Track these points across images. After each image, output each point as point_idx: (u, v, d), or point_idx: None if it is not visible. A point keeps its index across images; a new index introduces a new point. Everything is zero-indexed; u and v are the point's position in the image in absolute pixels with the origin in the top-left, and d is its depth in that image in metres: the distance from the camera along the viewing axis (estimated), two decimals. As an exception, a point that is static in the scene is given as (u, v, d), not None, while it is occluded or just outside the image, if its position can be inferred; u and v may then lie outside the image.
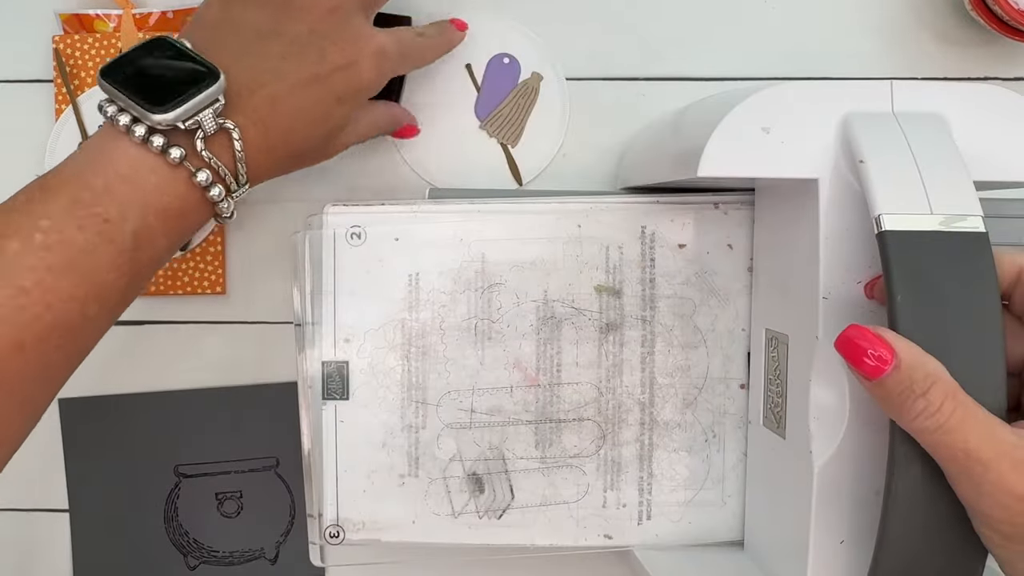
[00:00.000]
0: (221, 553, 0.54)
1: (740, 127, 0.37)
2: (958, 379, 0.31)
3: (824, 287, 0.37)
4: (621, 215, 0.45)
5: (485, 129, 0.53)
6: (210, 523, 0.54)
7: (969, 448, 0.31)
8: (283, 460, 0.54)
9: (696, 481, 0.46)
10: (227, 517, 0.54)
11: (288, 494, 0.54)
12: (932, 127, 0.36)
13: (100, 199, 0.37)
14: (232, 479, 0.54)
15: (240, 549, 0.54)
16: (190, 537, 0.54)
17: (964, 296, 0.32)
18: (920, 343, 0.32)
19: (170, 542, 0.54)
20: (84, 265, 0.36)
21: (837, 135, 0.37)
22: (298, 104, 0.41)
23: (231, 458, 0.54)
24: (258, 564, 0.54)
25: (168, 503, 0.54)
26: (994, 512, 0.31)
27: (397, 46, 0.45)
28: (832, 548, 0.37)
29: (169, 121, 0.37)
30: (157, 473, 0.54)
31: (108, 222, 0.37)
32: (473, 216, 0.45)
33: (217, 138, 0.39)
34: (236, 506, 0.54)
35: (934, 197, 0.34)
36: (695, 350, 0.46)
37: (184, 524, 0.54)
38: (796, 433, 0.39)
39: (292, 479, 0.54)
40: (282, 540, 0.54)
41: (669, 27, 0.53)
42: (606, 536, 0.46)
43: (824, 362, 0.37)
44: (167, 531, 0.54)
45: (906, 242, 0.33)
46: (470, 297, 0.46)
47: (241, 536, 0.54)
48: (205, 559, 0.54)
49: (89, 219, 0.36)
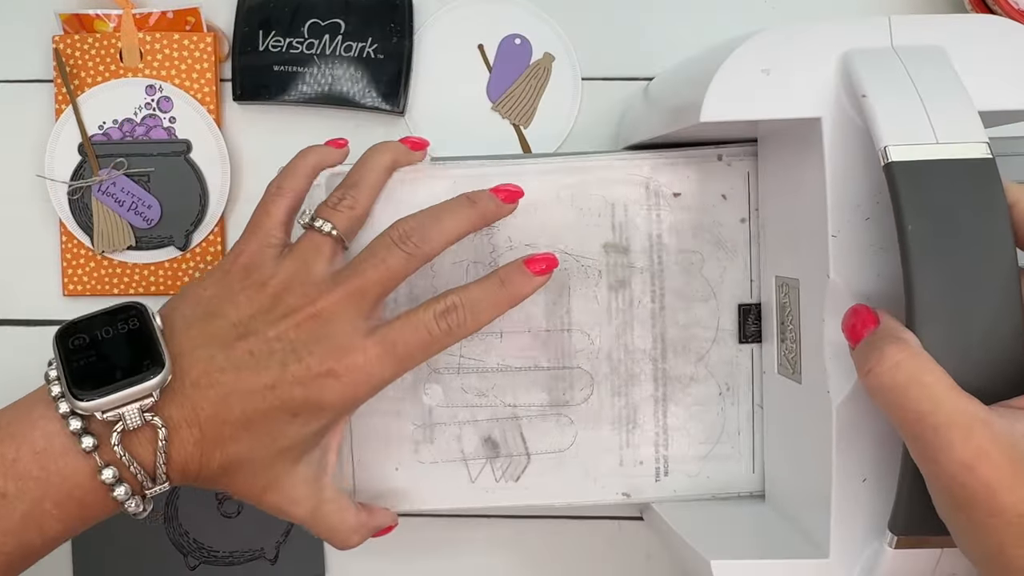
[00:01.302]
0: (221, 553, 0.54)
1: (740, 70, 0.37)
2: (973, 307, 0.31)
3: (833, 226, 0.37)
4: (625, 172, 0.45)
5: (497, 110, 0.53)
6: (210, 523, 0.54)
7: (923, 411, 0.30)
8: None
9: (712, 435, 0.46)
10: (227, 517, 0.54)
11: None
12: (933, 59, 0.36)
13: (5, 470, 0.35)
14: None
15: (240, 549, 0.54)
16: (190, 537, 0.54)
17: (975, 222, 0.32)
18: (932, 271, 0.32)
19: (170, 542, 0.54)
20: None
21: (837, 72, 0.37)
22: (245, 411, 0.37)
23: None
24: (258, 564, 0.54)
25: (168, 504, 0.53)
26: (941, 480, 0.30)
27: (392, 358, 0.38)
28: (854, 488, 0.37)
29: (88, 410, 0.35)
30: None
31: (3, 497, 0.35)
32: (477, 179, 0.45)
33: (142, 432, 0.36)
34: (236, 506, 0.54)
35: (939, 126, 0.34)
36: (705, 303, 0.46)
37: (184, 524, 0.54)
38: (812, 375, 0.39)
39: None
40: (282, 540, 0.54)
41: (671, 25, 0.53)
42: (624, 494, 0.46)
43: (837, 300, 0.37)
44: (167, 531, 0.53)
45: (913, 172, 0.33)
46: (476, 261, 0.46)
47: (241, 536, 0.54)
48: (205, 559, 0.54)
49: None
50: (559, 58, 0.53)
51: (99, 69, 0.53)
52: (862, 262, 0.37)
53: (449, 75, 0.53)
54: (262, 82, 0.52)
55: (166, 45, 0.53)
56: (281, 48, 0.52)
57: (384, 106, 0.52)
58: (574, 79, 0.53)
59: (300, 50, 0.52)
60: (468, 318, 0.39)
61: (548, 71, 0.53)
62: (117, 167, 0.53)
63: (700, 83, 0.37)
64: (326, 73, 0.52)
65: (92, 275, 0.54)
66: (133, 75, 0.53)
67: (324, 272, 0.40)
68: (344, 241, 0.41)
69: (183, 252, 0.54)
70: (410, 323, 0.39)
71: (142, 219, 0.53)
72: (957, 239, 0.32)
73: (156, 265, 0.54)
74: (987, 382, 0.32)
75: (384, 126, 0.54)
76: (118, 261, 0.54)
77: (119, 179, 0.53)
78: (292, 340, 0.38)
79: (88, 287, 0.54)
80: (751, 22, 0.53)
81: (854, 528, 0.37)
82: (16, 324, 0.54)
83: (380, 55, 0.52)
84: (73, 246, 0.53)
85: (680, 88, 0.42)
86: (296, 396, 0.37)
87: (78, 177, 0.53)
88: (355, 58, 0.52)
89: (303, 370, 0.37)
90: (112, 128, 0.53)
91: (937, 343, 0.32)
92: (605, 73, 0.53)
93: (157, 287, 0.54)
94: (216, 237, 0.54)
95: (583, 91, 0.53)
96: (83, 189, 0.53)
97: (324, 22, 0.52)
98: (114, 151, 0.53)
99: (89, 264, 0.54)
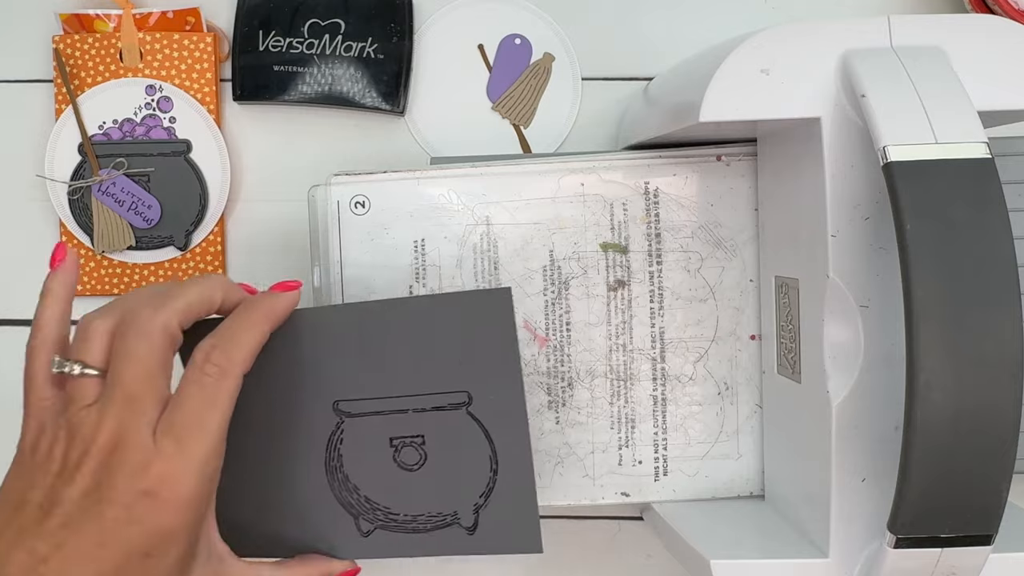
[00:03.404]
0: (401, 517, 0.42)
1: (739, 70, 0.37)
2: (972, 307, 0.31)
3: (832, 225, 0.37)
4: (624, 172, 0.45)
5: (497, 110, 0.53)
6: (385, 477, 0.41)
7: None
8: (477, 396, 0.41)
9: (711, 435, 0.46)
10: (406, 469, 0.42)
11: (487, 440, 0.41)
12: (932, 59, 0.36)
13: None
14: (411, 420, 0.41)
15: (426, 513, 0.42)
16: (360, 494, 0.42)
17: (973, 222, 0.32)
18: (931, 271, 0.32)
19: (336, 500, 0.42)
20: None
21: (837, 72, 0.37)
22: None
23: (409, 392, 0.41)
24: (452, 532, 0.41)
25: (329, 449, 0.42)
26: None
27: (189, 440, 0.35)
28: (854, 487, 0.37)
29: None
30: (312, 410, 0.42)
31: None
32: (476, 179, 0.45)
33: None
34: (418, 455, 0.41)
35: (938, 126, 0.34)
36: (704, 303, 0.46)
37: (352, 478, 0.42)
38: (812, 375, 0.39)
39: (490, 421, 0.41)
40: (482, 503, 0.41)
41: (671, 25, 0.53)
42: (623, 494, 0.46)
43: (836, 301, 0.37)
44: (331, 485, 0.42)
45: (912, 172, 0.33)
46: (477, 261, 0.46)
47: (426, 495, 0.41)
48: (382, 523, 0.42)
49: None
50: (559, 58, 0.53)
51: (99, 69, 0.53)
52: (862, 262, 0.37)
53: (449, 75, 0.53)
54: (262, 82, 0.53)
55: (166, 45, 0.53)
56: (281, 48, 0.52)
57: (384, 106, 0.52)
58: (574, 79, 0.53)
59: (300, 50, 0.52)
60: (231, 350, 0.37)
61: (548, 71, 0.53)
62: (117, 167, 0.53)
63: (699, 83, 0.37)
64: (326, 73, 0.52)
65: (92, 275, 0.54)
66: (133, 75, 0.53)
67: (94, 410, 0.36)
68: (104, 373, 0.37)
69: (183, 252, 0.54)
70: (181, 393, 0.36)
71: (142, 219, 0.53)
72: (956, 239, 0.32)
73: (156, 265, 0.54)
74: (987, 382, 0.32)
75: (384, 126, 0.54)
76: (118, 261, 0.54)
77: (119, 179, 0.53)
78: (96, 486, 0.35)
79: (88, 287, 0.54)
80: (751, 22, 0.53)
81: (854, 528, 0.37)
82: (16, 324, 0.54)
83: (380, 55, 0.52)
84: (73, 246, 0.53)
85: (680, 88, 0.42)
86: (133, 537, 0.34)
87: (78, 177, 0.53)
88: (355, 58, 0.52)
89: (120, 510, 0.34)
90: (112, 128, 0.53)
91: (936, 342, 0.32)
92: (605, 73, 0.53)
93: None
94: (216, 237, 0.54)
95: (583, 91, 0.53)
96: (83, 189, 0.53)
97: (324, 22, 0.52)
98: (114, 151, 0.53)
99: (89, 264, 0.54)
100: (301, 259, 0.52)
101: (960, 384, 0.31)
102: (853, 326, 0.37)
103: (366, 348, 0.41)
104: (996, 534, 0.34)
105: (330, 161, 0.53)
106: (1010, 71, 0.37)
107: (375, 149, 0.54)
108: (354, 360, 0.41)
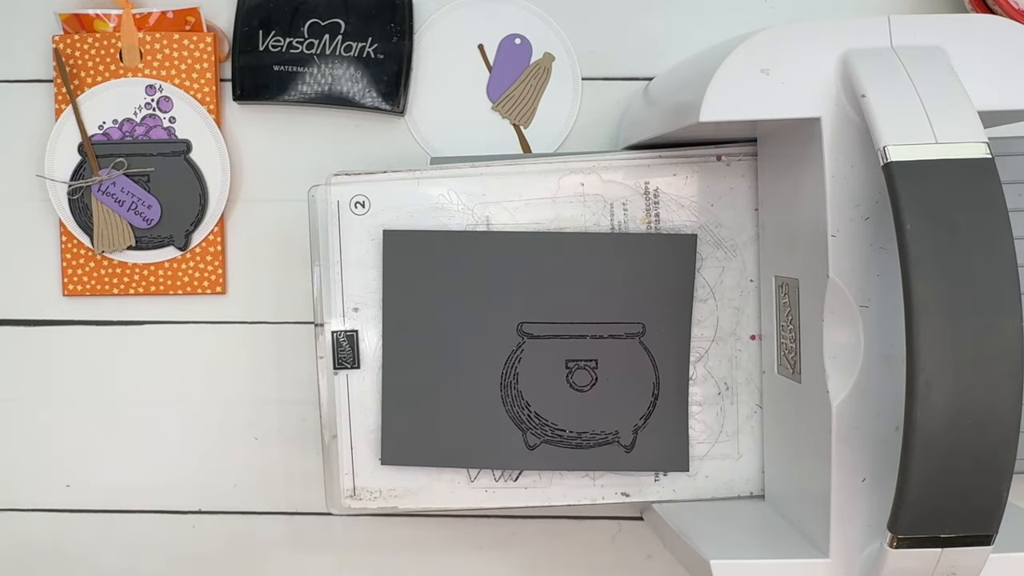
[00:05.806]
0: (568, 433, 0.45)
1: (739, 70, 0.37)
2: (972, 307, 0.31)
3: (832, 225, 0.37)
4: (624, 172, 0.45)
5: (497, 110, 0.53)
6: (557, 396, 0.45)
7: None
8: (650, 328, 0.45)
9: (711, 435, 0.46)
10: (578, 390, 0.45)
11: (653, 369, 0.45)
12: (932, 59, 0.36)
13: None
14: (587, 345, 0.45)
15: (591, 430, 0.45)
16: (531, 410, 0.45)
17: (974, 222, 0.32)
18: (932, 271, 0.32)
19: (506, 414, 0.45)
20: None
21: (837, 72, 0.37)
22: None
23: (588, 319, 0.45)
24: (610, 450, 0.45)
25: (507, 367, 0.45)
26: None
27: None
28: (854, 487, 0.37)
29: None
30: (496, 330, 0.45)
31: None
32: (476, 179, 0.45)
33: None
34: (590, 378, 0.45)
35: (938, 126, 0.34)
36: (704, 303, 0.46)
37: (525, 394, 0.45)
38: (812, 375, 0.39)
39: (659, 351, 0.45)
40: (641, 424, 0.45)
41: (671, 25, 0.53)
42: (623, 494, 0.46)
43: (836, 301, 0.37)
44: (503, 400, 0.45)
45: (912, 172, 0.33)
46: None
47: (593, 414, 0.45)
48: (548, 438, 0.45)
49: None
50: (559, 58, 0.53)
51: (99, 69, 0.53)
52: (862, 262, 0.37)
53: (449, 75, 0.53)
54: (262, 82, 0.53)
55: (166, 45, 0.53)
56: (281, 48, 0.52)
57: (384, 106, 0.52)
58: (574, 79, 0.53)
59: (300, 50, 0.52)
60: None
61: (548, 71, 0.53)
62: (117, 167, 0.53)
63: (699, 83, 0.37)
64: (326, 73, 0.52)
65: (92, 275, 0.54)
66: (133, 75, 0.53)
67: None
68: None
69: (183, 252, 0.54)
70: None
71: (142, 219, 0.53)
72: (956, 239, 0.32)
73: (156, 265, 0.54)
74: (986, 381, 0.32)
75: (384, 126, 0.53)
76: (118, 261, 0.54)
77: (119, 179, 0.53)
78: None
79: (88, 287, 0.54)
80: (751, 22, 0.53)
81: (854, 528, 0.37)
82: (16, 324, 0.54)
83: (380, 55, 0.52)
84: (73, 246, 0.53)
85: (679, 88, 0.42)
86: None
87: (78, 177, 0.53)
88: (355, 58, 0.52)
89: None
90: (112, 128, 0.53)
91: (936, 342, 0.32)
92: (605, 73, 0.53)
93: (157, 287, 0.54)
94: (216, 237, 0.54)
95: (583, 91, 0.53)
96: (83, 189, 0.53)
97: (324, 22, 0.52)
98: (114, 151, 0.53)
99: (89, 264, 0.54)
100: (301, 259, 0.52)
101: (960, 384, 0.31)
102: (853, 326, 0.37)
103: (553, 276, 0.45)
104: (996, 534, 0.34)
105: (330, 161, 0.53)
106: (1010, 71, 0.37)
107: (375, 149, 0.54)
108: (541, 286, 0.45)
